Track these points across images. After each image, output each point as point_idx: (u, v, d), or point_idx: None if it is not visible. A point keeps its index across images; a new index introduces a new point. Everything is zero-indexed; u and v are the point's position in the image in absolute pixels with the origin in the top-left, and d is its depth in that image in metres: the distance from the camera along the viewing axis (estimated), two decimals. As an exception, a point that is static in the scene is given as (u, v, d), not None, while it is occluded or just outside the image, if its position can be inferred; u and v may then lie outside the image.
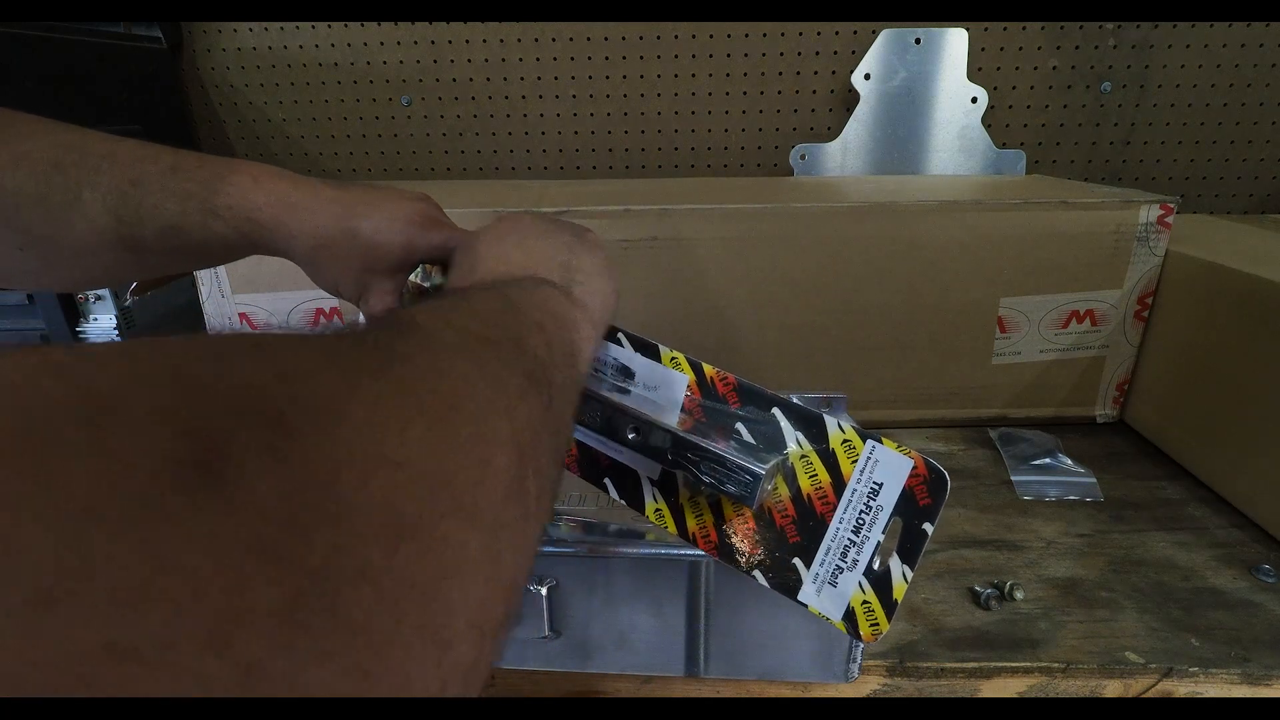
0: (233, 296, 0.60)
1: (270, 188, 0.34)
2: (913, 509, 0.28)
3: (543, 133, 0.89)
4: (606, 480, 0.34)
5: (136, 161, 0.33)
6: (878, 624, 0.28)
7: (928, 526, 0.27)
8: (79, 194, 0.32)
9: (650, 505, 0.33)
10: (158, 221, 0.33)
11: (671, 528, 0.33)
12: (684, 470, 0.30)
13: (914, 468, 0.28)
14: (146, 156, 0.34)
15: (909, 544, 0.28)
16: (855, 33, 0.83)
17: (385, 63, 0.87)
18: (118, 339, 0.65)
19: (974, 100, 0.82)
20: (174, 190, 0.33)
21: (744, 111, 0.87)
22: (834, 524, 0.29)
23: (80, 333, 0.66)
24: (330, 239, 0.34)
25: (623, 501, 0.34)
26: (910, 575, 0.28)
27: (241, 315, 0.60)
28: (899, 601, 0.28)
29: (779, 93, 0.86)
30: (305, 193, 0.34)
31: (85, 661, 0.08)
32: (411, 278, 0.41)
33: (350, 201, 0.35)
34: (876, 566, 0.28)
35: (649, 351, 0.35)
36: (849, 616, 0.28)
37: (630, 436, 0.32)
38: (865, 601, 0.28)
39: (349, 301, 0.39)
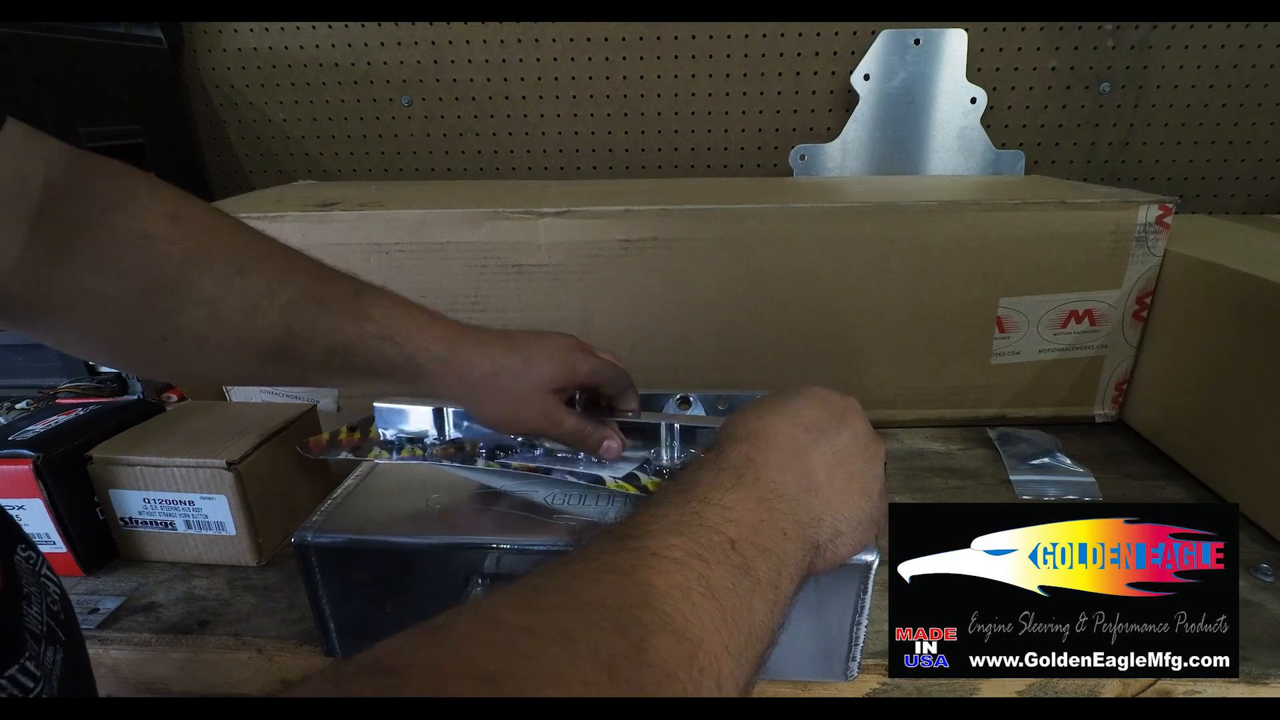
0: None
1: (446, 325, 0.37)
2: None
3: (543, 133, 0.89)
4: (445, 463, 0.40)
5: (321, 281, 0.35)
6: None
7: None
8: (256, 302, 0.33)
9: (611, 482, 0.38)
10: (331, 339, 0.34)
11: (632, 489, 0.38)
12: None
13: None
14: (329, 278, 0.35)
15: None
16: (855, 33, 0.83)
17: (385, 63, 0.87)
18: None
19: (973, 101, 0.82)
20: (357, 312, 0.34)
21: (744, 112, 0.87)
22: None
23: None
24: (500, 368, 0.37)
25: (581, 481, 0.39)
26: None
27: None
28: None
29: (779, 93, 0.86)
30: (472, 332, 0.37)
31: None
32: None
33: (512, 337, 0.38)
34: None
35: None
36: None
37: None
38: None
39: (510, 434, 0.41)
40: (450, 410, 0.43)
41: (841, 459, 0.30)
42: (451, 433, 0.43)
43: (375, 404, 0.44)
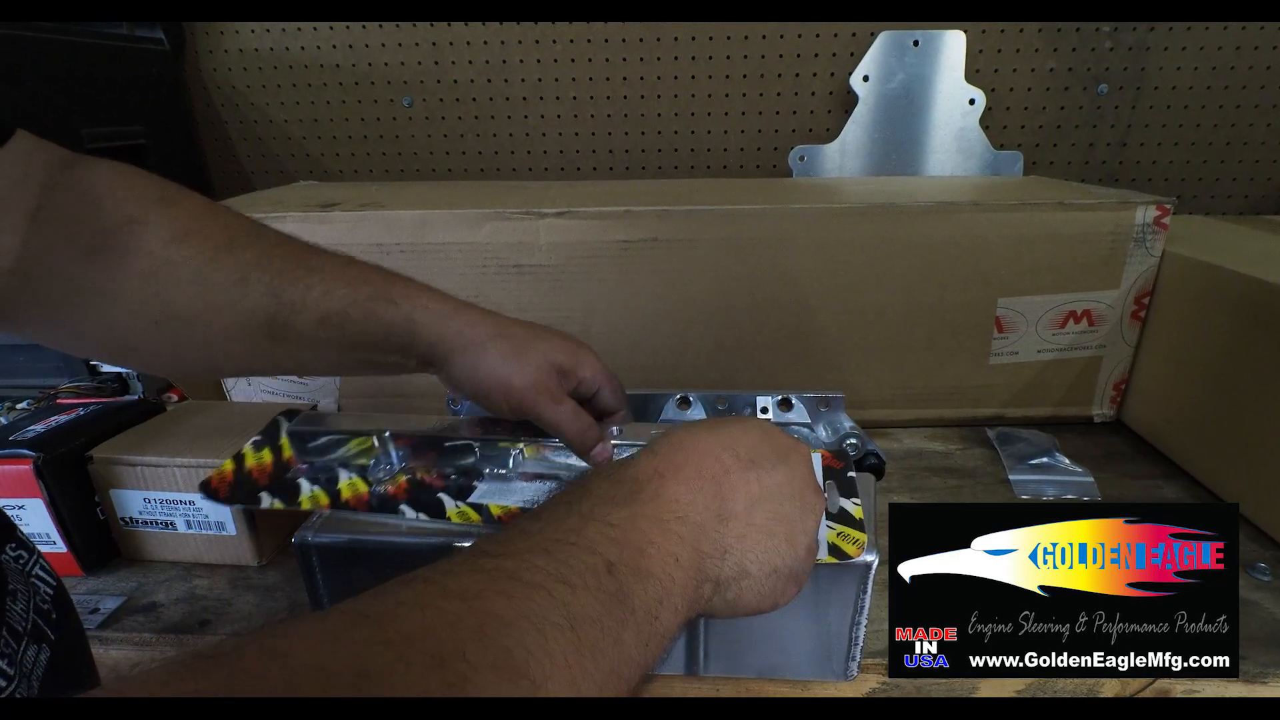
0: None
1: (442, 295, 0.37)
2: (833, 470, 0.38)
3: (543, 134, 0.90)
4: (402, 507, 0.37)
5: (314, 252, 0.35)
6: (858, 541, 0.34)
7: (851, 473, 0.38)
8: (247, 273, 0.33)
9: (451, 511, 0.36)
10: (323, 306, 0.34)
11: (476, 518, 0.36)
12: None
13: (823, 458, 0.38)
14: (321, 251, 0.35)
15: (845, 487, 0.37)
16: (854, 35, 0.83)
17: (386, 64, 0.87)
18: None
19: (972, 102, 0.82)
20: (350, 277, 0.34)
21: (744, 113, 0.87)
22: None
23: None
24: (503, 332, 0.36)
25: (423, 517, 0.36)
26: (859, 501, 0.36)
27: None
28: (863, 519, 0.35)
29: (778, 94, 0.86)
30: (471, 306, 0.37)
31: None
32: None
33: (510, 319, 0.38)
34: (833, 510, 0.35)
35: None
36: (834, 550, 0.33)
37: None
38: (840, 534, 0.34)
39: (504, 409, 0.37)
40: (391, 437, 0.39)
41: (769, 495, 0.28)
42: (398, 462, 0.39)
43: (288, 428, 0.40)
